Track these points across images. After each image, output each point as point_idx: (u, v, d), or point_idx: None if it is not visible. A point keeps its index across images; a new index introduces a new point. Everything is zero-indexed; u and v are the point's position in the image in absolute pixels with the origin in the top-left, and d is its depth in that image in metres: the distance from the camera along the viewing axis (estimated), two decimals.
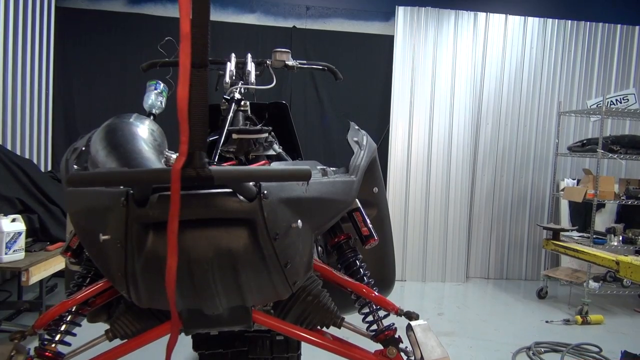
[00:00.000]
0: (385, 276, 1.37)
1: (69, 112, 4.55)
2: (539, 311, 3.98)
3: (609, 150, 4.12)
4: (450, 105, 4.79)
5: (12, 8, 3.69)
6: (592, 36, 5.01)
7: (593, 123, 5.00)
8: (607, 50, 5.05)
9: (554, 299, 4.33)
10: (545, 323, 3.67)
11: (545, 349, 3.10)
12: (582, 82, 5.03)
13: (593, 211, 4.08)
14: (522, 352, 3.05)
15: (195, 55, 0.66)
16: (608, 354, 3.05)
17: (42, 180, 2.96)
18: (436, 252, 4.80)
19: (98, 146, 0.99)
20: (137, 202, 0.76)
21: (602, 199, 4.12)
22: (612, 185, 4.20)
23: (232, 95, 1.66)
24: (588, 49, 5.02)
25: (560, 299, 4.36)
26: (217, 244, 0.78)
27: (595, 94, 5.00)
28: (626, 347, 2.75)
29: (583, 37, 5.00)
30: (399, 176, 4.77)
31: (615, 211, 4.83)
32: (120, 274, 0.83)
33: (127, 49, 4.52)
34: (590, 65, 5.03)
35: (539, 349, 3.08)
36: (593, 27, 5.01)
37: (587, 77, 5.04)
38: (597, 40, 5.02)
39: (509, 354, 3.02)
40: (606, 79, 5.07)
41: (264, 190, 0.80)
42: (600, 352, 3.08)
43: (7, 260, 2.35)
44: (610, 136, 4.38)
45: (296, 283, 0.92)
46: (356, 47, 4.84)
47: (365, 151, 1.20)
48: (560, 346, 3.12)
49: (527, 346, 3.10)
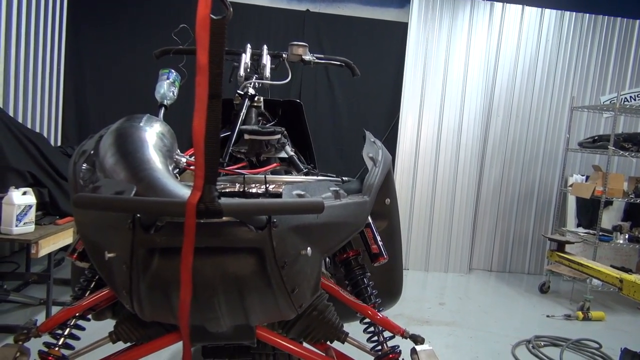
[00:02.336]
0: (391, 288, 1.36)
1: (80, 89, 4.55)
2: (540, 305, 3.99)
3: (620, 148, 4.08)
4: (461, 96, 4.75)
5: None
6: (609, 31, 4.93)
7: (605, 119, 4.94)
8: (625, 46, 4.96)
9: (556, 294, 4.34)
10: (546, 317, 3.68)
11: (545, 343, 3.11)
12: (596, 77, 4.96)
13: (600, 208, 4.06)
14: (522, 345, 3.07)
15: (211, 86, 0.66)
16: (608, 350, 3.06)
17: (52, 154, 2.98)
18: (440, 243, 4.81)
19: (107, 151, 0.98)
20: (144, 226, 0.76)
21: (610, 196, 4.09)
22: (622, 183, 4.17)
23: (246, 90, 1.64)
24: (605, 43, 4.94)
25: (562, 294, 4.37)
26: (224, 270, 0.78)
27: (610, 90, 4.93)
28: (627, 345, 2.76)
29: (600, 31, 4.92)
30: (407, 165, 4.76)
31: (623, 209, 4.80)
32: (125, 291, 0.83)
33: (138, 27, 4.50)
34: (605, 60, 4.96)
35: (538, 342, 3.09)
36: (611, 22, 4.92)
37: (602, 73, 4.97)
38: (614, 35, 4.94)
39: (509, 346, 3.04)
40: (621, 75, 5.00)
41: (273, 219, 0.79)
42: (600, 349, 3.09)
43: (17, 232, 2.38)
44: (623, 133, 4.33)
45: (302, 305, 0.92)
46: (369, 33, 4.79)
47: (380, 168, 1.17)
48: (560, 341, 3.14)
49: (527, 339, 3.12)
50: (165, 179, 0.87)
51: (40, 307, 2.95)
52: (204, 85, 0.66)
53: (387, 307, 1.35)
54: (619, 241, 4.25)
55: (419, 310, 3.61)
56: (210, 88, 0.66)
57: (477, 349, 3.00)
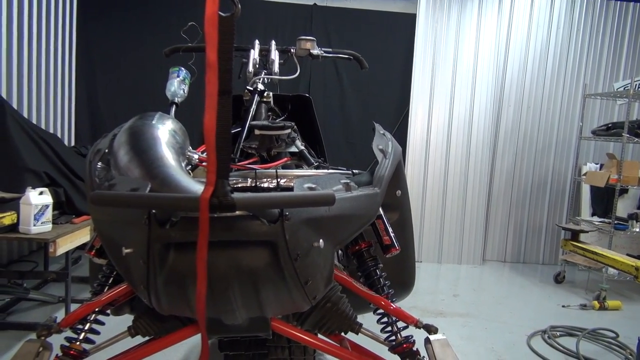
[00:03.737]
0: (404, 279, 1.37)
1: (91, 89, 4.60)
2: (555, 295, 3.97)
3: (634, 135, 4.02)
4: (471, 86, 4.71)
5: None
6: (622, 16, 4.84)
7: (619, 106, 4.87)
8: (638, 31, 4.87)
9: (571, 284, 4.31)
10: (561, 307, 3.66)
11: (561, 333, 3.10)
12: (609, 63, 4.88)
13: (615, 196, 4.01)
14: (537, 335, 3.06)
15: (221, 83, 0.67)
16: (625, 340, 3.03)
17: (67, 154, 3.03)
18: (453, 234, 4.79)
19: (121, 150, 1.00)
20: (159, 221, 0.78)
21: (625, 184, 4.04)
22: (637, 171, 4.11)
23: (255, 86, 1.65)
24: (617, 29, 4.85)
25: (577, 284, 4.33)
26: (239, 263, 0.80)
27: (623, 76, 4.85)
28: None
29: (612, 17, 4.83)
30: (418, 157, 4.74)
31: (638, 197, 4.73)
32: (142, 285, 0.85)
33: (148, 25, 4.53)
34: (619, 46, 4.87)
35: (554, 332, 3.08)
36: (623, 7, 4.83)
37: (615, 59, 4.89)
38: (627, 20, 4.85)
39: (524, 336, 3.03)
40: (635, 61, 4.91)
41: (285, 212, 0.80)
42: (617, 338, 3.06)
43: (35, 231, 2.42)
44: (637, 120, 4.26)
45: (316, 297, 0.93)
46: (377, 25, 4.76)
47: (390, 160, 1.17)
48: (576, 331, 3.12)
49: (542, 329, 3.11)
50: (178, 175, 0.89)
51: (59, 305, 3.01)
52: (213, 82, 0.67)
53: (400, 298, 1.35)
54: (635, 229, 4.19)
55: (432, 302, 3.61)
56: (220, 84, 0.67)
57: (492, 339, 2.99)
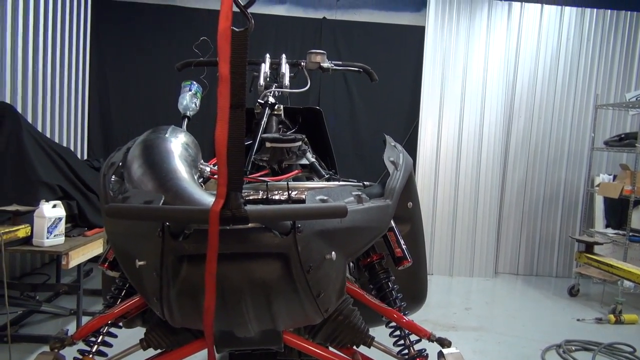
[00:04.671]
0: (416, 292, 1.36)
1: (104, 104, 4.67)
2: (570, 309, 3.90)
3: None
4: (481, 97, 4.70)
5: (51, 0, 3.80)
6: (632, 26, 4.81)
7: (632, 117, 4.82)
8: None
9: (586, 297, 4.23)
10: (576, 321, 3.59)
11: (576, 347, 3.03)
12: (621, 74, 4.85)
13: (630, 208, 3.95)
14: (552, 350, 3.00)
15: (233, 96, 0.68)
16: None
17: (80, 168, 3.06)
18: (464, 247, 4.75)
19: (135, 163, 1.01)
20: (172, 234, 0.78)
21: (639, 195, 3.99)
22: None
23: (266, 99, 1.67)
24: (628, 39, 4.82)
25: (592, 297, 4.26)
26: (251, 276, 0.80)
27: (635, 86, 4.81)
28: None
29: (623, 27, 4.81)
30: (428, 169, 4.72)
31: None
32: (155, 298, 0.86)
33: (160, 40, 4.60)
34: (630, 56, 4.84)
35: (569, 347, 3.02)
36: (634, 17, 4.81)
37: (627, 69, 4.85)
38: (638, 30, 4.82)
39: (538, 351, 2.98)
40: None
41: (298, 225, 0.80)
42: (634, 353, 3.00)
43: (48, 244, 2.44)
44: None
45: (328, 310, 0.93)
46: (386, 38, 4.79)
47: (402, 172, 1.17)
48: (592, 345, 3.05)
49: (557, 344, 3.05)
50: (191, 188, 0.89)
51: (71, 318, 3.02)
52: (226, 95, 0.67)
53: (412, 311, 1.34)
54: None
55: (444, 315, 3.56)
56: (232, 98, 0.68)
57: (506, 354, 2.94)
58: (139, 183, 0.96)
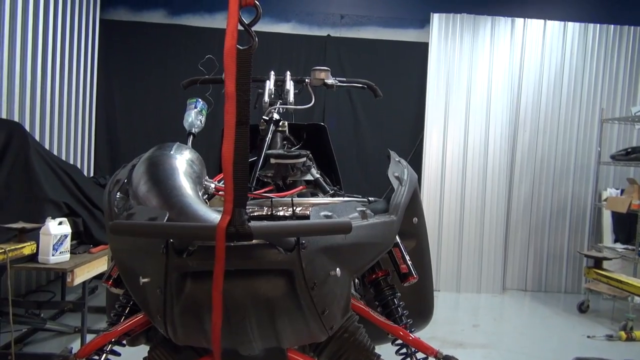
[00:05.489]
0: (423, 308, 1.34)
1: (111, 121, 4.71)
2: (579, 326, 3.83)
3: None
4: (486, 113, 4.70)
5: (60, 21, 3.87)
6: (636, 41, 4.83)
7: (638, 131, 4.80)
8: None
9: (596, 313, 4.16)
10: (586, 338, 3.53)
11: None
12: (626, 88, 4.84)
13: (638, 222, 3.91)
14: None
15: (239, 113, 0.68)
16: None
17: (86, 185, 3.07)
18: (471, 262, 4.70)
19: (140, 180, 1.01)
20: (176, 251, 0.78)
21: None
22: None
23: (271, 115, 1.68)
24: (632, 54, 4.83)
25: (602, 313, 4.19)
26: (255, 292, 0.79)
27: None
28: None
29: (627, 42, 4.82)
30: (433, 184, 4.71)
31: None
32: (159, 315, 0.85)
33: (167, 58, 4.66)
34: (635, 70, 4.84)
35: None
36: (638, 32, 4.83)
37: (632, 83, 4.85)
38: None
39: None
40: None
41: (302, 241, 0.79)
42: None
43: (54, 261, 2.44)
44: None
45: (333, 327, 0.92)
46: (390, 54, 4.83)
47: (406, 187, 1.16)
48: None
49: None
50: (196, 204, 0.89)
51: (75, 335, 3.00)
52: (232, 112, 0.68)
53: (418, 328, 1.32)
54: None
55: (452, 332, 3.51)
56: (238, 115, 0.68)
57: None
58: (144, 200, 0.96)
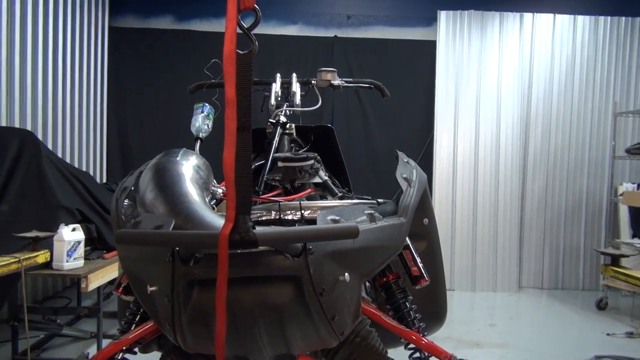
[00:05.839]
0: (435, 311, 1.33)
1: (122, 128, 4.76)
2: (598, 323, 3.77)
3: None
4: (497, 109, 4.66)
5: (69, 29, 3.92)
6: None
7: None
8: None
9: (615, 311, 4.09)
10: (606, 336, 3.46)
11: None
12: (639, 80, 4.76)
13: None
14: None
15: (240, 119, 0.68)
16: None
17: (98, 191, 3.10)
18: (486, 261, 4.65)
19: (146, 187, 1.01)
20: (183, 259, 0.78)
21: None
22: None
23: (278, 118, 1.67)
24: None
25: (622, 310, 4.11)
26: (263, 299, 0.79)
27: None
28: None
29: (639, 34, 4.74)
30: (445, 182, 4.67)
31: None
32: (167, 323, 0.85)
33: (175, 63, 4.69)
34: None
35: None
36: None
37: None
38: None
39: None
40: None
41: (309, 246, 0.78)
42: None
43: (68, 267, 2.46)
44: None
45: (344, 333, 0.91)
46: (398, 53, 4.80)
47: (415, 188, 1.14)
48: None
49: (586, 359, 2.94)
50: (202, 210, 0.89)
51: (92, 341, 3.03)
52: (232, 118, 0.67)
53: (432, 331, 1.31)
54: None
55: (468, 332, 3.47)
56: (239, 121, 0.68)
57: None
58: (150, 207, 0.95)
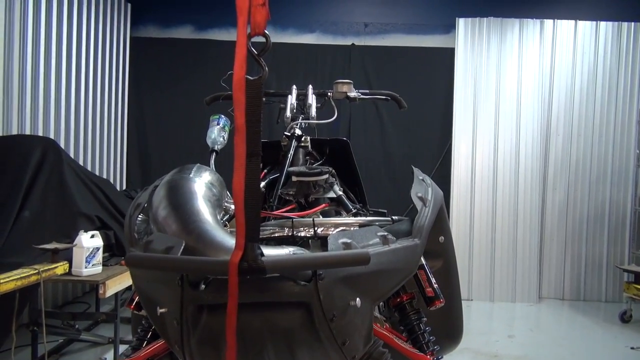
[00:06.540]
0: (451, 330, 1.30)
1: (142, 136, 4.85)
2: (622, 336, 3.66)
3: None
4: (516, 118, 4.60)
5: (92, 40, 4.02)
6: None
7: None
8: None
9: (639, 323, 3.97)
10: (630, 349, 3.36)
11: None
12: None
13: None
14: None
15: (249, 145, 0.68)
16: None
17: (117, 198, 3.15)
18: (505, 271, 4.57)
19: (159, 204, 1.02)
20: (192, 282, 0.78)
21: None
22: None
23: (293, 131, 1.66)
24: None
25: None
26: (273, 325, 0.78)
27: None
28: None
29: None
30: (463, 192, 4.62)
31: None
32: (177, 345, 0.85)
33: (195, 72, 4.76)
34: None
35: None
36: None
37: None
38: None
39: None
40: None
41: (319, 272, 0.77)
42: None
43: (86, 273, 2.50)
44: None
45: (355, 357, 0.90)
46: (416, 61, 4.79)
47: (430, 207, 1.12)
48: None
49: None
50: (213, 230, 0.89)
51: (109, 346, 3.06)
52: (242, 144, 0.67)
53: (446, 351, 1.29)
54: None
55: (486, 343, 3.41)
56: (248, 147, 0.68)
57: None
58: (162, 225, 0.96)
